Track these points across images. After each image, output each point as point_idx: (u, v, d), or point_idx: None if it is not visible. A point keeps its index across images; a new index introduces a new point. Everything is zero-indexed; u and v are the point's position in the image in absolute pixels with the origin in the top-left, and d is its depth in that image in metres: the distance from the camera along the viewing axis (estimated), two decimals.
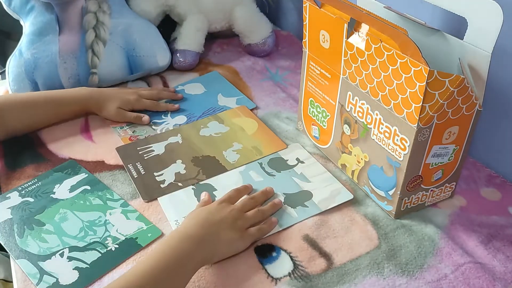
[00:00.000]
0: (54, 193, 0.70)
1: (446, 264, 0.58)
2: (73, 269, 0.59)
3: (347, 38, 0.63)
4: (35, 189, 0.71)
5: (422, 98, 0.53)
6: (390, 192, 0.64)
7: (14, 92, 0.89)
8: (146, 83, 0.99)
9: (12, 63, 0.90)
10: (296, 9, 1.19)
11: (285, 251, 0.61)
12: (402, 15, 0.64)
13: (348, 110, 0.67)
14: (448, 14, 0.68)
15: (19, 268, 0.60)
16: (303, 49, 0.74)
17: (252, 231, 0.61)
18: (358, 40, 0.61)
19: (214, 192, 0.69)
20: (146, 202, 0.69)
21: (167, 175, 0.73)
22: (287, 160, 0.75)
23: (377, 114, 0.62)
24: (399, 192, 0.62)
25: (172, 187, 0.71)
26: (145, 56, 0.97)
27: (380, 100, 0.60)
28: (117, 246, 0.62)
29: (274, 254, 0.60)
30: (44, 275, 0.58)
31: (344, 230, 0.63)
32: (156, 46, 0.98)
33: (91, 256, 0.60)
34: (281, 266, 0.59)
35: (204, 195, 0.68)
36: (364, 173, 0.68)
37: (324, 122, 0.74)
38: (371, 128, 0.63)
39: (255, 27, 1.06)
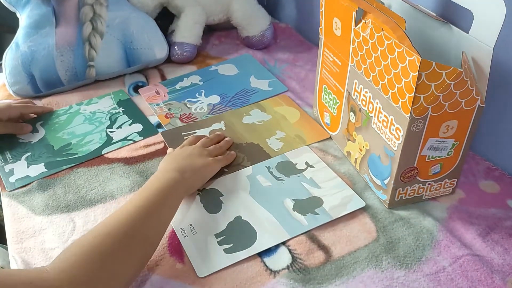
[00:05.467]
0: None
1: (444, 257, 0.59)
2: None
3: (355, 26, 0.63)
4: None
5: (414, 88, 0.53)
6: (385, 181, 0.64)
7: (10, 85, 0.89)
8: (144, 76, 0.98)
9: (9, 56, 0.89)
10: (294, 1, 1.18)
11: (284, 244, 0.61)
12: (414, 6, 0.64)
13: (354, 98, 0.67)
14: (458, 6, 0.68)
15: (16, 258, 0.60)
16: (319, 36, 0.75)
17: (219, 157, 0.71)
18: (364, 28, 0.61)
19: (220, 198, 0.68)
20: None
21: None
22: (296, 164, 0.73)
23: (377, 103, 0.62)
24: (392, 182, 0.62)
25: (218, 173, 0.71)
26: (142, 49, 0.96)
27: (380, 89, 0.60)
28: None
29: (272, 247, 0.60)
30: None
31: (342, 223, 0.63)
32: (153, 38, 0.98)
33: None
34: (280, 259, 0.59)
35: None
36: (365, 162, 0.68)
37: (334, 109, 0.75)
38: (372, 116, 0.63)
39: (253, 20, 1.05)
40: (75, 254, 0.49)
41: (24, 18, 0.91)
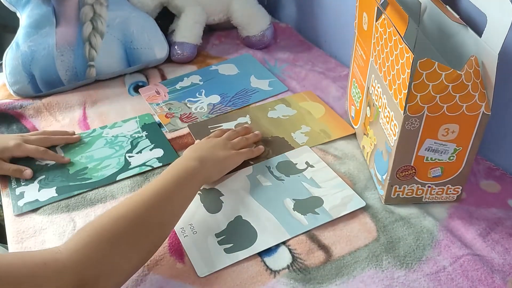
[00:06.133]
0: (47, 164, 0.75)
1: (445, 257, 0.59)
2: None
3: (376, 21, 0.63)
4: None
5: (407, 84, 0.53)
6: (384, 177, 0.64)
7: (10, 85, 0.89)
8: (144, 76, 0.98)
9: (9, 56, 0.89)
10: (294, 1, 1.18)
11: (284, 243, 0.61)
12: (440, 8, 0.64)
13: (370, 92, 0.68)
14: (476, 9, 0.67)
15: None
16: (354, 30, 0.76)
17: (244, 150, 0.72)
18: (383, 23, 0.62)
19: (221, 198, 0.68)
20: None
21: None
22: (296, 163, 0.73)
23: (384, 99, 0.62)
24: (389, 178, 0.62)
25: (243, 165, 0.73)
26: (142, 49, 0.96)
27: (387, 84, 0.60)
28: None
29: (273, 246, 0.60)
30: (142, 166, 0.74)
31: (342, 223, 0.63)
32: (153, 38, 0.98)
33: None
34: (280, 258, 0.59)
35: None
36: (373, 156, 0.68)
37: (357, 103, 0.76)
38: (380, 112, 0.64)
39: (253, 19, 1.05)
40: (89, 235, 0.49)
41: (24, 17, 0.91)
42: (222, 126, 0.82)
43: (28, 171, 0.72)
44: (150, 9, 1.02)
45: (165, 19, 1.06)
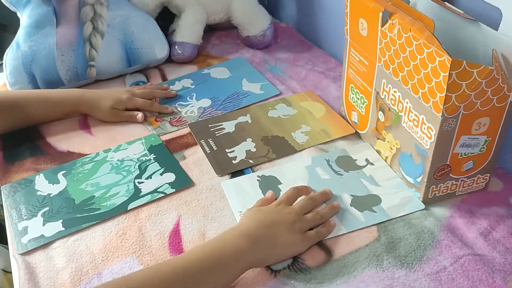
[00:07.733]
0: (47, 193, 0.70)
1: (445, 257, 0.58)
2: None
3: (382, 26, 0.63)
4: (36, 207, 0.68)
5: (445, 88, 0.53)
6: (418, 179, 0.64)
7: (11, 85, 0.89)
8: (144, 76, 0.98)
9: (10, 56, 0.89)
10: (295, 1, 1.18)
11: None
12: (441, 4, 0.64)
13: (382, 97, 0.68)
14: (485, 4, 0.67)
15: (19, 260, 0.60)
16: (345, 36, 0.75)
17: (311, 234, 0.60)
18: (391, 29, 0.62)
19: (279, 186, 0.68)
20: (219, 176, 0.72)
21: (238, 152, 0.76)
22: (356, 160, 0.73)
23: (407, 102, 0.62)
24: (425, 180, 0.62)
25: (243, 164, 0.73)
26: (143, 49, 0.96)
27: (410, 88, 0.61)
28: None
29: None
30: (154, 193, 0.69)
31: None
32: (154, 38, 0.98)
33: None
34: None
35: (268, 193, 0.66)
36: (396, 160, 0.68)
37: (362, 108, 0.75)
38: (402, 115, 0.64)
39: (253, 19, 1.05)
40: None
41: (24, 17, 0.91)
42: (222, 124, 0.82)
43: (140, 115, 0.83)
44: (151, 9, 1.02)
45: (166, 19, 1.06)
